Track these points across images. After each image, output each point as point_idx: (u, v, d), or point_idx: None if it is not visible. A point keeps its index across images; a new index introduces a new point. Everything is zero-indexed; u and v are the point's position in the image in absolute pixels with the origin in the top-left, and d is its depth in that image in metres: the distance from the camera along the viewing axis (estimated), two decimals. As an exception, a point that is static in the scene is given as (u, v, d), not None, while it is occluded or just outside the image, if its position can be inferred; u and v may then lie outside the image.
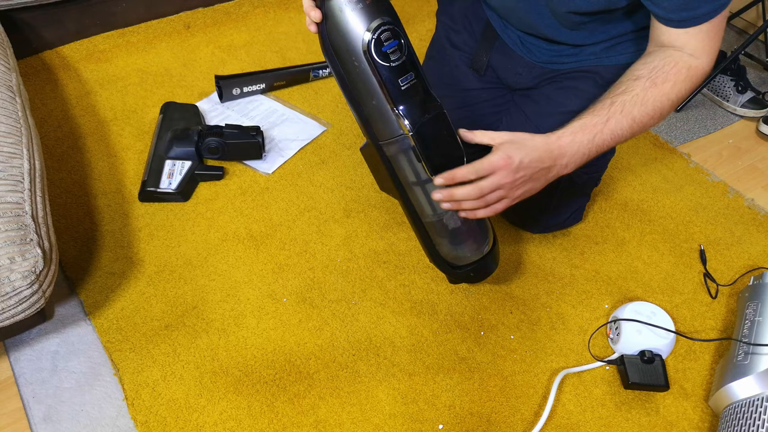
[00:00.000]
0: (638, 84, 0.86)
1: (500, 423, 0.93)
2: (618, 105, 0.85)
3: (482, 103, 1.15)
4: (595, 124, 0.85)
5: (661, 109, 0.86)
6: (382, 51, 0.73)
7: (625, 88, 0.86)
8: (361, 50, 0.73)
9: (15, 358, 0.96)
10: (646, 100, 0.85)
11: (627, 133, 0.87)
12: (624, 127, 0.86)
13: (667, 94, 0.86)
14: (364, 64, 0.74)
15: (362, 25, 0.72)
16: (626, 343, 0.99)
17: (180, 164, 1.22)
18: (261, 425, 0.90)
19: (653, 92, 0.85)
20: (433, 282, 1.10)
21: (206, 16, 1.66)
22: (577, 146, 0.85)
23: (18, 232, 0.82)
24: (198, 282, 1.07)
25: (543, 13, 0.96)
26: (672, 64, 0.85)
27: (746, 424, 0.84)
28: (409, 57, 0.76)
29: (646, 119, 0.86)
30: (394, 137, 0.81)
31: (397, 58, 0.74)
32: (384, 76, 0.74)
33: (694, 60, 0.86)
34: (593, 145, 0.86)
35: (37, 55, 1.48)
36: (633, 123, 0.86)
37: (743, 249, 1.20)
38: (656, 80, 0.85)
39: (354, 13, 0.72)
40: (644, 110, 0.85)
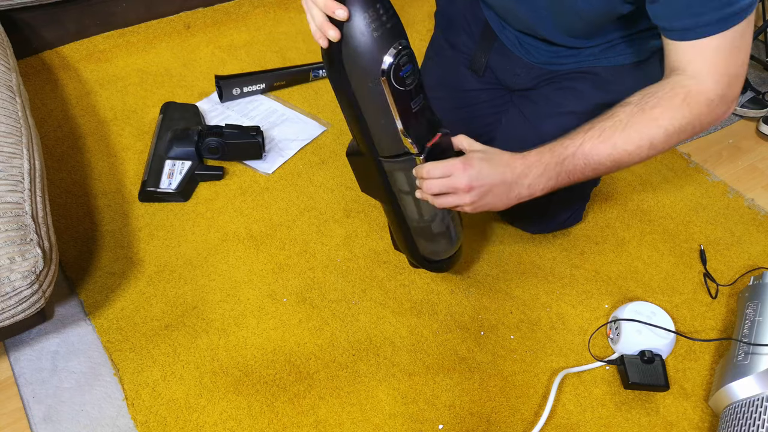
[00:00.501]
0: (625, 109, 0.80)
1: (500, 423, 0.93)
2: (597, 129, 0.80)
3: (481, 104, 1.15)
4: (566, 146, 0.80)
5: (650, 138, 0.79)
6: (400, 76, 0.72)
7: (612, 113, 0.81)
8: (379, 73, 0.71)
9: (15, 358, 0.96)
10: (630, 125, 0.78)
11: (607, 162, 0.80)
12: (601, 154, 0.79)
13: (656, 120, 0.78)
14: (379, 87, 0.72)
15: (383, 50, 0.70)
16: (626, 343, 0.99)
17: (180, 164, 1.22)
18: (261, 425, 0.90)
19: (639, 118, 0.78)
20: (433, 282, 1.10)
21: (206, 16, 1.66)
22: (542, 167, 0.81)
23: (18, 232, 0.82)
24: (198, 282, 1.07)
25: (542, 15, 0.96)
26: (667, 89, 0.78)
27: (746, 424, 0.84)
28: (420, 79, 0.76)
29: (632, 147, 0.79)
30: (398, 155, 0.81)
31: (411, 82, 0.74)
32: (398, 100, 0.74)
33: (695, 84, 0.77)
34: (562, 169, 0.81)
35: (37, 55, 1.48)
36: (613, 150, 0.79)
37: (743, 249, 1.20)
38: (645, 106, 0.78)
39: (375, 37, 0.70)
40: (627, 137, 0.78)
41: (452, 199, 0.83)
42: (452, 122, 1.15)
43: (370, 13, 0.68)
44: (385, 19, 0.70)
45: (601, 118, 0.82)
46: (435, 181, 0.81)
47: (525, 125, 1.08)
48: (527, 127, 1.08)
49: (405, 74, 0.72)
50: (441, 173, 0.81)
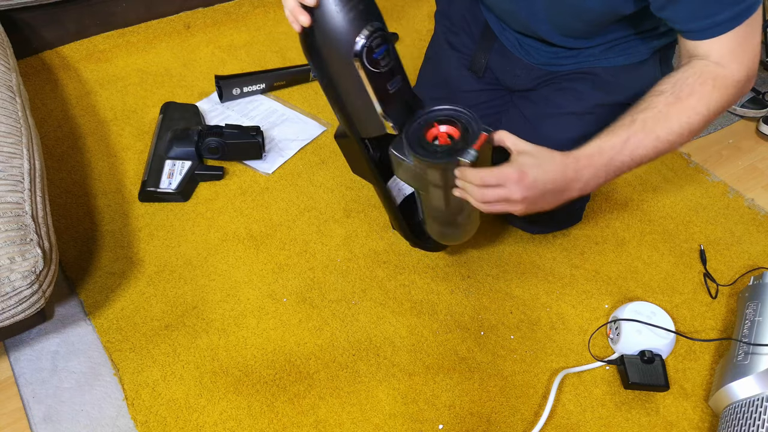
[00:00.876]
0: (660, 99, 0.80)
1: (500, 423, 0.93)
2: (639, 123, 0.80)
3: (481, 105, 1.15)
4: (613, 145, 0.81)
5: (689, 126, 0.81)
6: (373, 58, 0.72)
7: (647, 104, 0.81)
8: (352, 56, 0.72)
9: (15, 358, 0.96)
10: (669, 116, 0.80)
11: (651, 153, 0.81)
12: (647, 147, 0.81)
13: (694, 108, 0.80)
14: (353, 70, 0.73)
15: (354, 32, 0.71)
16: (626, 343, 0.99)
17: (180, 164, 1.22)
18: (261, 425, 0.90)
19: (678, 107, 0.80)
20: (433, 282, 1.10)
21: (206, 16, 1.66)
22: (593, 170, 0.81)
23: (18, 232, 0.82)
24: (198, 282, 1.07)
25: (540, 18, 0.96)
26: (696, 76, 0.80)
27: (746, 424, 0.84)
28: (396, 60, 0.76)
29: (674, 137, 0.81)
30: (378, 135, 0.82)
31: (386, 64, 0.74)
32: (373, 81, 0.74)
33: (720, 69, 0.80)
34: (611, 167, 0.82)
35: (37, 55, 1.48)
36: (657, 142, 0.81)
37: (743, 249, 1.20)
38: (680, 95, 0.80)
39: (346, 19, 0.70)
40: (669, 127, 0.80)
41: (502, 206, 0.80)
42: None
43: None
44: (356, 1, 0.70)
45: (638, 110, 0.81)
46: (488, 190, 0.78)
47: (525, 126, 1.08)
48: (527, 127, 1.08)
49: (379, 56, 0.72)
50: (495, 182, 0.78)
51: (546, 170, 0.79)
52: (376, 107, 0.76)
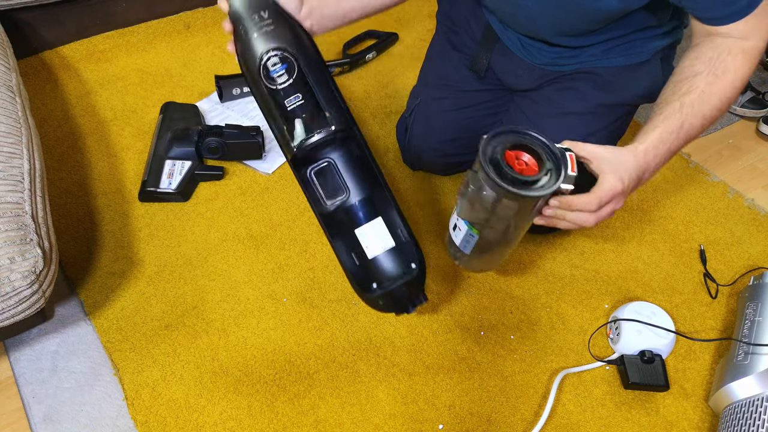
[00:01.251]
0: (700, 80, 0.83)
1: (500, 423, 0.93)
2: (688, 107, 0.82)
3: (481, 104, 1.15)
4: (671, 131, 0.82)
5: (729, 100, 0.85)
6: (270, 75, 0.79)
7: (689, 87, 0.83)
8: (257, 72, 0.80)
9: (15, 358, 0.96)
10: (711, 95, 0.83)
11: (699, 132, 0.85)
12: (696, 127, 0.84)
13: (732, 83, 0.84)
14: (260, 85, 0.81)
15: (259, 50, 0.80)
16: (626, 343, 0.99)
17: (180, 164, 1.22)
18: (261, 425, 0.90)
19: (718, 86, 0.83)
20: (433, 282, 1.10)
21: (206, 16, 1.66)
22: (659, 159, 0.83)
23: (18, 232, 0.82)
24: (198, 282, 1.07)
25: (543, 21, 0.97)
26: (726, 53, 0.83)
27: (746, 424, 0.84)
28: (300, 79, 0.80)
29: (716, 113, 0.85)
30: (287, 150, 0.84)
31: (283, 81, 0.79)
32: (272, 97, 0.80)
33: (746, 42, 0.84)
34: (670, 153, 0.84)
35: (37, 55, 1.48)
36: (704, 121, 0.84)
37: (743, 249, 1.20)
38: (717, 72, 0.83)
39: (254, 38, 0.79)
40: (713, 105, 0.84)
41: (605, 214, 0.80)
42: (452, 122, 1.16)
43: (248, 22, 0.79)
44: (263, 28, 0.79)
45: (681, 92, 0.83)
46: (604, 210, 0.78)
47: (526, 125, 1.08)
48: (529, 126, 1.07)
49: (275, 74, 0.79)
50: (609, 199, 0.77)
51: (630, 170, 0.79)
52: (279, 120, 0.81)
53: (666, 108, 0.83)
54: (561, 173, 0.73)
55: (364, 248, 0.86)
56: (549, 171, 0.74)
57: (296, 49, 0.80)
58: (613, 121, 1.05)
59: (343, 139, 0.85)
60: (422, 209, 1.22)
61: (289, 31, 0.81)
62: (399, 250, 0.86)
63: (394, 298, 0.85)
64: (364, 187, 0.88)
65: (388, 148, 1.34)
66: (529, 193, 0.72)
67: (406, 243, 0.86)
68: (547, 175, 0.73)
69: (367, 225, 0.86)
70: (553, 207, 0.77)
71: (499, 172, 0.72)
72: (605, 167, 0.77)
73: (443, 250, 1.15)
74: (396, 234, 0.87)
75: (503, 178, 0.72)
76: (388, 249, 0.86)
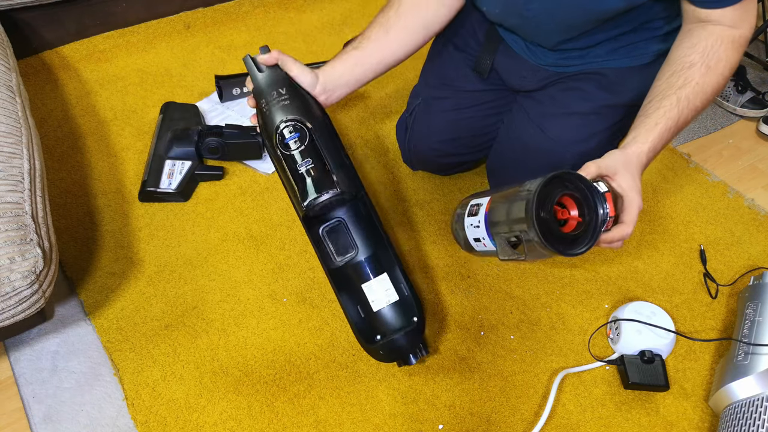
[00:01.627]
0: (694, 72, 0.86)
1: (500, 423, 0.93)
2: (684, 101, 0.85)
3: (483, 105, 1.15)
4: (669, 128, 0.85)
5: (719, 89, 0.88)
6: (284, 142, 0.88)
7: (684, 79, 0.86)
8: (274, 140, 0.89)
9: (15, 358, 0.96)
10: (705, 87, 0.86)
11: (690, 122, 0.89)
12: (688, 120, 0.87)
13: (722, 74, 0.87)
14: (276, 150, 0.89)
15: (275, 121, 0.89)
16: (626, 343, 0.99)
17: (180, 164, 1.22)
18: (261, 425, 0.90)
19: (710, 77, 0.86)
20: (432, 282, 1.10)
21: (206, 16, 1.66)
22: (655, 153, 0.86)
23: (18, 232, 0.82)
24: (198, 282, 1.07)
25: (550, 27, 0.97)
26: (719, 43, 0.85)
27: (746, 424, 0.84)
28: (311, 146, 0.88)
29: (706, 105, 0.88)
30: (299, 208, 0.91)
31: (296, 148, 0.88)
32: (286, 162, 0.89)
33: (736, 31, 0.86)
34: (664, 147, 0.88)
35: (37, 55, 1.48)
36: (695, 113, 0.87)
37: (743, 249, 1.20)
38: (710, 64, 0.85)
39: (273, 111, 0.90)
40: (705, 98, 0.87)
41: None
42: (452, 122, 1.16)
43: (268, 97, 0.90)
44: (280, 100, 0.90)
45: (677, 85, 0.86)
46: (631, 228, 0.82)
47: (529, 125, 1.08)
48: (531, 127, 1.07)
49: (290, 141, 0.88)
50: (635, 218, 0.82)
51: (640, 174, 0.84)
52: (292, 184, 0.89)
53: (664, 102, 0.85)
54: (602, 225, 0.78)
55: (370, 302, 0.91)
56: (592, 219, 0.78)
57: (308, 119, 0.89)
58: (616, 122, 1.05)
59: (352, 200, 0.93)
60: (422, 209, 1.22)
61: (303, 104, 0.91)
62: (402, 304, 0.91)
63: (395, 348, 0.89)
64: (371, 244, 0.94)
65: (388, 148, 1.34)
66: (575, 252, 0.77)
67: (408, 297, 0.92)
68: (589, 221, 0.78)
69: (374, 280, 0.92)
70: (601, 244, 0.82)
71: (550, 230, 0.76)
72: (625, 185, 0.81)
73: (443, 250, 1.15)
74: (399, 289, 0.92)
75: (552, 239, 0.76)
76: (392, 303, 0.91)
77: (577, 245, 0.78)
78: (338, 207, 0.94)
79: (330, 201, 0.88)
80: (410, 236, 1.17)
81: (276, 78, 0.92)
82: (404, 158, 1.28)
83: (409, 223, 1.20)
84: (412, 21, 1.00)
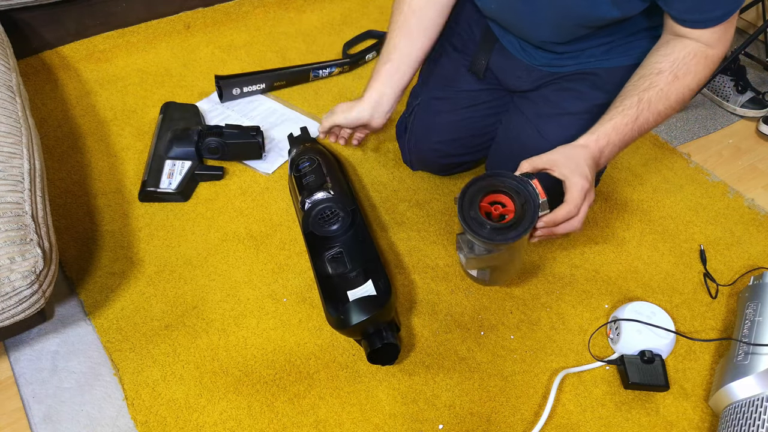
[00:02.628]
0: (661, 78, 0.88)
1: (500, 423, 0.93)
2: (645, 102, 0.88)
3: (481, 105, 1.15)
4: (626, 123, 0.88)
5: (683, 100, 0.90)
6: (298, 168, 1.15)
7: (650, 83, 0.89)
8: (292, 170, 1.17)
9: (15, 358, 0.96)
10: (669, 94, 0.88)
11: (651, 127, 0.91)
12: (650, 122, 0.89)
13: (688, 86, 0.90)
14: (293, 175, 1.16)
15: (293, 154, 1.21)
16: (626, 343, 0.99)
17: (180, 164, 1.22)
18: (261, 425, 0.90)
19: (676, 86, 0.88)
20: (433, 282, 1.10)
21: (206, 16, 1.66)
22: (611, 148, 0.89)
23: (18, 232, 0.82)
24: (198, 282, 1.07)
25: (544, 28, 0.97)
26: (691, 56, 0.88)
27: (746, 424, 0.84)
28: (318, 170, 1.12)
29: (669, 111, 0.90)
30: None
31: (306, 171, 1.13)
32: (297, 181, 1.14)
33: (710, 50, 0.89)
34: (623, 144, 0.90)
35: (37, 55, 1.48)
36: (658, 117, 0.89)
37: (743, 249, 1.20)
38: (678, 74, 0.88)
39: (293, 151, 1.22)
40: (668, 104, 0.89)
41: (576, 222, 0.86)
42: (452, 122, 1.16)
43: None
44: (298, 140, 1.26)
45: (642, 88, 0.89)
46: (582, 210, 0.85)
47: (526, 125, 1.08)
48: (528, 127, 1.08)
49: (302, 167, 1.15)
50: (582, 199, 0.84)
51: (588, 163, 0.86)
52: (298, 197, 1.10)
53: (624, 101, 0.89)
54: (535, 207, 0.82)
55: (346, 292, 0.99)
56: (524, 203, 0.83)
57: (321, 154, 1.19)
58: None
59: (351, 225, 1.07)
60: (422, 209, 1.22)
61: (316, 147, 1.21)
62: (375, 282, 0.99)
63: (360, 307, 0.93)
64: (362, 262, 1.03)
65: (388, 148, 1.34)
66: (513, 236, 0.81)
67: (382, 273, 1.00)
68: (523, 208, 0.83)
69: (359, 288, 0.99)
70: (540, 230, 0.85)
71: (481, 225, 0.82)
72: (566, 171, 0.84)
73: (443, 250, 1.15)
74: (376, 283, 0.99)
75: (486, 231, 0.82)
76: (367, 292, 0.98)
77: (514, 230, 0.82)
78: (341, 233, 1.09)
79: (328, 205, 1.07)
80: (410, 236, 1.17)
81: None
82: (404, 158, 1.28)
83: (409, 223, 1.20)
84: (429, 13, 1.05)
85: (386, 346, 0.93)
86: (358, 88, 1.49)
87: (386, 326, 0.94)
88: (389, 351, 0.94)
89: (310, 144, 1.23)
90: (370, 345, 0.93)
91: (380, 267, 1.00)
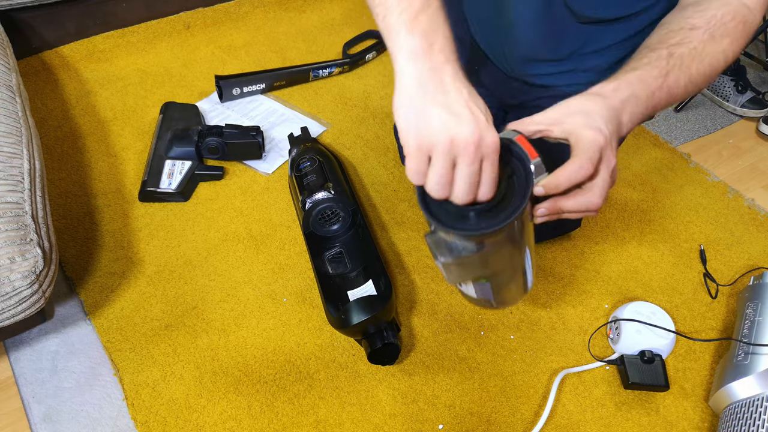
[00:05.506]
0: (695, 35, 0.71)
1: (500, 423, 0.93)
2: (677, 58, 0.70)
3: None
4: (655, 77, 0.68)
5: (716, 68, 0.74)
6: (299, 168, 1.17)
7: (682, 38, 0.71)
8: (292, 170, 1.20)
9: (15, 358, 0.96)
10: (704, 55, 0.71)
11: (681, 94, 0.72)
12: (680, 86, 0.71)
13: (724, 51, 0.73)
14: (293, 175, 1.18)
15: (293, 154, 1.23)
16: (626, 343, 0.99)
17: (180, 164, 1.22)
18: (261, 425, 0.90)
19: (712, 48, 0.72)
20: (433, 282, 1.10)
21: (206, 16, 1.66)
22: (634, 105, 0.67)
23: (18, 232, 0.82)
24: (198, 282, 1.07)
25: (538, 48, 0.96)
26: (730, 17, 0.73)
27: (746, 424, 0.84)
28: (319, 170, 1.15)
29: (701, 79, 0.73)
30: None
31: (306, 171, 1.15)
32: (298, 180, 1.15)
33: (750, 14, 0.74)
34: (649, 104, 0.69)
35: (37, 55, 1.48)
36: (689, 82, 0.71)
37: (743, 249, 1.20)
38: (714, 34, 0.72)
39: (294, 151, 1.24)
40: (701, 68, 0.72)
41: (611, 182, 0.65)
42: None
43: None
44: (298, 142, 1.29)
45: (672, 42, 0.71)
46: (601, 175, 0.62)
47: None
48: None
49: (303, 167, 1.17)
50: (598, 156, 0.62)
51: (604, 115, 0.64)
52: (299, 197, 1.12)
53: (651, 54, 0.70)
54: (527, 172, 0.58)
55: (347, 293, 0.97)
56: (510, 175, 0.60)
57: (322, 154, 1.21)
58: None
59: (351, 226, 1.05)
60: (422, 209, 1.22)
61: (317, 148, 1.24)
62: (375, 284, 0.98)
63: (361, 307, 0.93)
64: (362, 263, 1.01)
65: (388, 148, 1.34)
66: (504, 218, 0.57)
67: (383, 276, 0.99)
68: (509, 179, 0.60)
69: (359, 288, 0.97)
70: (543, 204, 0.63)
71: (457, 213, 0.59)
72: (573, 125, 0.62)
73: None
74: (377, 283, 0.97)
75: (466, 222, 0.58)
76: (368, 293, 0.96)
77: (503, 210, 0.58)
78: (341, 233, 1.07)
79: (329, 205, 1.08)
80: (410, 236, 1.17)
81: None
82: (403, 159, 1.27)
83: (409, 223, 1.20)
84: None
85: (386, 346, 0.93)
86: (358, 88, 1.49)
87: (386, 326, 0.94)
88: (389, 351, 0.94)
89: (311, 144, 1.25)
90: (370, 345, 0.93)
91: (380, 267, 1.00)
